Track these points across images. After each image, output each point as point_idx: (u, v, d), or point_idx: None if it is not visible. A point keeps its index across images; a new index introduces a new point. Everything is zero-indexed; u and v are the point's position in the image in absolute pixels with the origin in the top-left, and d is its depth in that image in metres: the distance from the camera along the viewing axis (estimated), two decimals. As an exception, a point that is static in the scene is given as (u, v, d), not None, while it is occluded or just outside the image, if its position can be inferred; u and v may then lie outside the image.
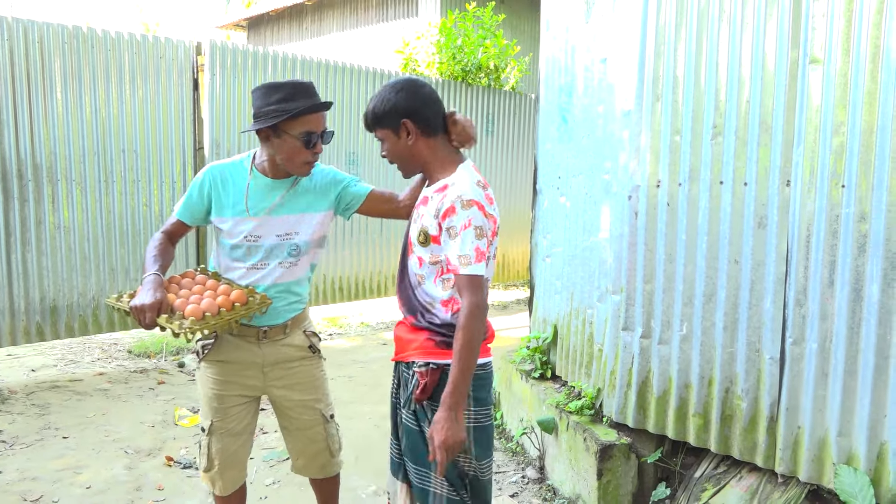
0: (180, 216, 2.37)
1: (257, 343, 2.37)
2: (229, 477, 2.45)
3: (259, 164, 2.33)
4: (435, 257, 2.01)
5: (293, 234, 2.32)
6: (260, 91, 2.21)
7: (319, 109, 2.22)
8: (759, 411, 2.70)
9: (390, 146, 2.08)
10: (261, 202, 2.30)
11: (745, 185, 2.70)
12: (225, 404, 2.39)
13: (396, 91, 2.03)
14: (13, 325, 4.91)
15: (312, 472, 2.59)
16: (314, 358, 2.51)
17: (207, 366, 2.39)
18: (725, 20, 2.73)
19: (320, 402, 2.52)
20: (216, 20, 15.76)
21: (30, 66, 4.82)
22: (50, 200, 5.00)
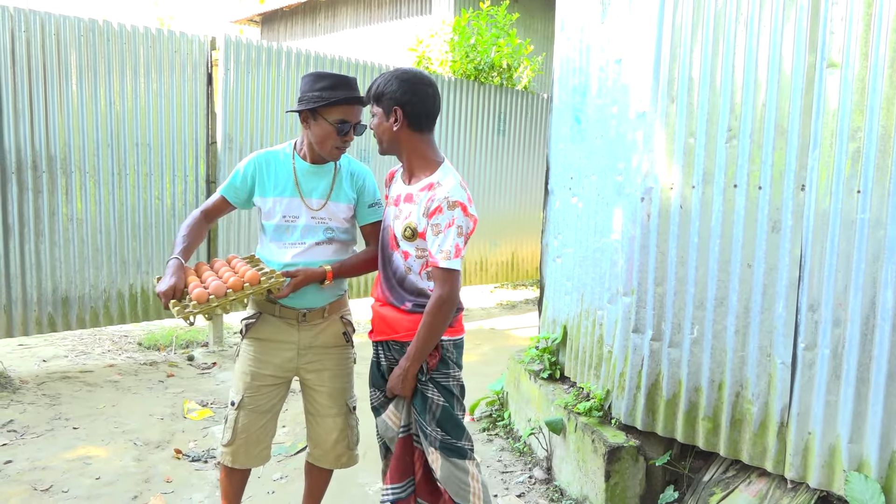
0: (224, 193, 2.53)
1: (296, 325, 2.51)
2: (249, 453, 2.57)
3: (300, 150, 2.53)
4: (421, 251, 2.26)
5: (328, 218, 2.51)
6: (309, 77, 2.42)
7: (355, 102, 2.41)
8: (769, 416, 2.69)
9: (377, 123, 2.30)
10: (303, 185, 2.49)
11: (759, 188, 2.69)
12: (257, 381, 2.52)
13: (402, 80, 2.23)
14: (25, 316, 4.95)
15: (329, 463, 2.67)
16: (347, 347, 2.65)
17: (248, 343, 2.54)
18: (742, 22, 2.71)
19: (346, 392, 2.65)
20: (230, 15, 15.80)
21: (46, 58, 4.85)
22: (63, 192, 5.03)
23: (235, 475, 2.64)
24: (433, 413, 2.32)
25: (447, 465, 2.31)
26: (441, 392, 2.32)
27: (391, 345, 2.40)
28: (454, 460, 2.31)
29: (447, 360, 2.33)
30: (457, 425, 2.34)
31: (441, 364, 2.32)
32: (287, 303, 2.47)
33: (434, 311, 2.18)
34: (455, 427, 2.33)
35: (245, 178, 2.49)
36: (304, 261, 2.46)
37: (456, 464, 2.31)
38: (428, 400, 2.33)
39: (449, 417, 2.33)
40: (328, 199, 2.51)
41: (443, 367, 2.32)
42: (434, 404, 2.31)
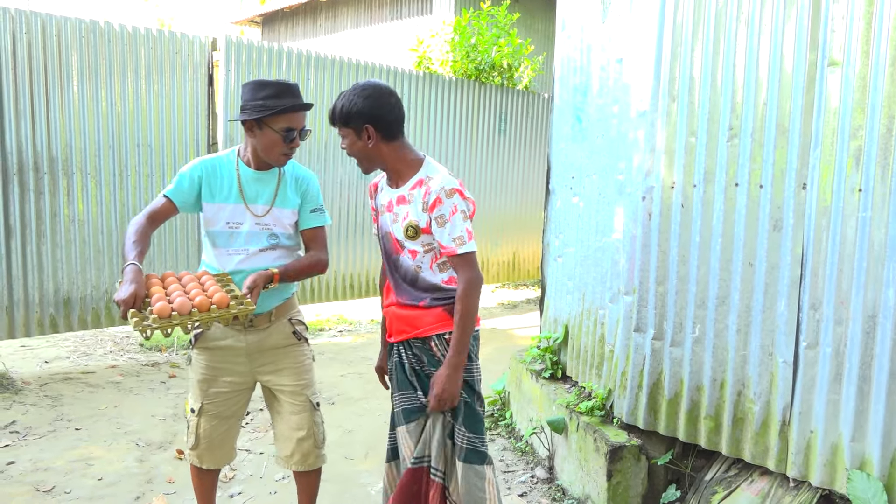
0: (170, 195, 2.45)
1: (243, 331, 2.51)
2: (214, 456, 2.61)
3: (244, 156, 2.51)
4: (428, 245, 2.26)
5: (272, 224, 2.49)
6: (250, 86, 2.40)
7: (301, 109, 2.41)
8: (771, 415, 2.69)
9: (349, 144, 2.27)
10: (248, 191, 2.48)
11: (760, 187, 2.68)
12: (213, 388, 2.54)
13: (364, 97, 2.21)
14: (27, 317, 4.95)
15: (297, 464, 2.64)
16: (300, 344, 2.63)
17: (198, 352, 2.54)
18: (743, 21, 2.71)
19: (307, 388, 2.62)
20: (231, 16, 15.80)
21: (47, 59, 4.86)
22: (65, 193, 5.04)
23: (206, 475, 2.68)
24: (456, 412, 2.31)
25: (469, 473, 2.28)
26: (463, 388, 2.29)
27: (412, 342, 2.36)
28: (476, 467, 2.29)
29: (469, 354, 2.31)
30: (479, 421, 2.33)
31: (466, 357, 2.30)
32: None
33: (465, 297, 2.21)
34: (478, 423, 2.32)
35: (192, 181, 2.45)
36: (249, 267, 2.43)
37: (476, 471, 2.29)
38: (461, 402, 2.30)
39: (472, 413, 2.31)
40: (273, 205, 2.50)
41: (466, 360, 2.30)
42: (461, 402, 2.30)
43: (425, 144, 7.47)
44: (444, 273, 2.30)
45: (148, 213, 2.42)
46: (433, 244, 2.26)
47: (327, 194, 6.71)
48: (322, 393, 4.76)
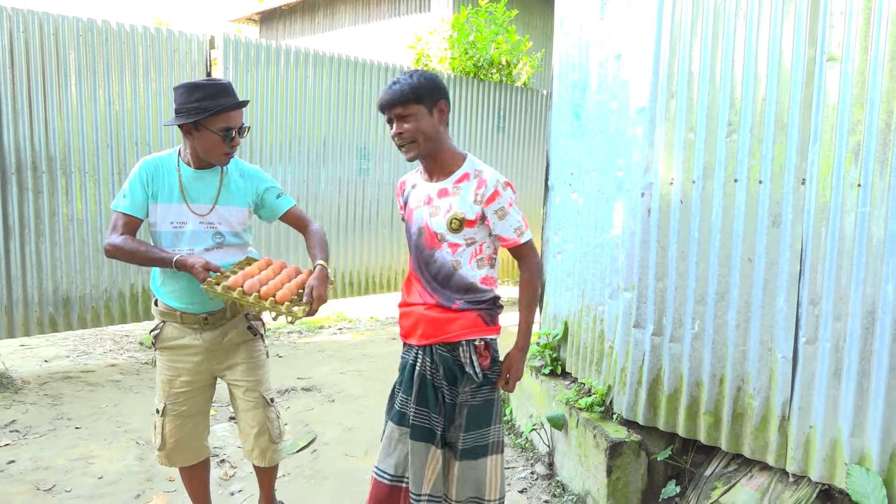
0: (131, 211, 2.43)
1: (199, 329, 2.54)
2: (182, 456, 2.64)
3: (184, 157, 2.51)
4: (470, 240, 2.23)
5: (216, 223, 2.51)
6: (182, 89, 2.40)
7: (237, 108, 2.41)
8: (770, 410, 2.69)
9: (417, 122, 2.16)
10: (189, 191, 2.48)
11: (759, 183, 2.68)
12: (175, 388, 2.57)
13: (433, 78, 2.20)
14: (27, 316, 4.95)
15: (257, 458, 2.70)
16: (256, 340, 2.67)
17: (160, 353, 2.60)
18: (742, 17, 2.71)
19: (260, 385, 2.65)
20: (228, 14, 15.78)
21: (45, 58, 4.85)
22: (64, 192, 5.03)
23: (194, 471, 2.72)
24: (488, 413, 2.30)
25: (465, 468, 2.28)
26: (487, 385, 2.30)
27: (436, 348, 2.26)
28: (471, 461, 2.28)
29: (496, 358, 2.34)
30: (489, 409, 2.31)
31: (492, 362, 2.31)
32: (188, 308, 2.49)
33: (533, 281, 2.32)
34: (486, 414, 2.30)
35: (143, 187, 2.44)
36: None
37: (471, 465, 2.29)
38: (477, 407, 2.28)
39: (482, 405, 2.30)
40: (216, 204, 2.50)
41: (493, 365, 2.31)
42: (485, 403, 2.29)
43: (424, 142, 7.46)
44: (481, 270, 2.26)
45: (123, 234, 2.41)
46: (475, 238, 2.23)
47: (327, 192, 6.70)
48: (322, 391, 4.77)
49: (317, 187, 6.62)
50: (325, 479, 3.46)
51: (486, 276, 2.28)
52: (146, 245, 2.41)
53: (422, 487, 2.27)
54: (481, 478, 2.31)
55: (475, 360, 2.23)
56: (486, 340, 2.26)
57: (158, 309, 2.56)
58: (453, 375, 2.26)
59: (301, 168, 6.47)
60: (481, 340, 2.24)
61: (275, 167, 6.25)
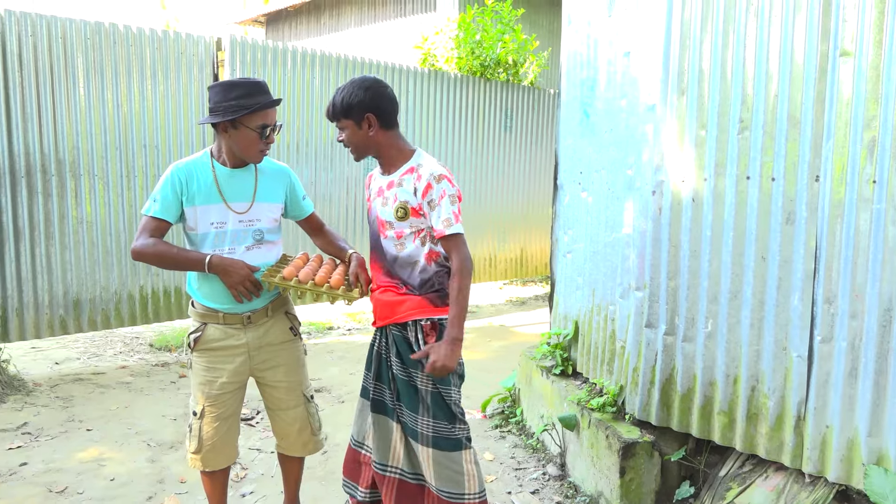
0: (162, 215, 2.43)
1: (243, 328, 2.54)
2: (218, 457, 2.63)
3: (218, 157, 2.52)
4: (414, 227, 2.38)
5: (255, 220, 2.54)
6: (218, 88, 2.42)
7: (273, 105, 2.46)
8: (786, 410, 2.66)
9: (350, 135, 2.40)
10: (226, 190, 2.49)
11: (772, 180, 2.66)
12: (215, 391, 2.55)
13: (364, 88, 2.35)
14: (37, 319, 4.97)
15: (296, 451, 2.77)
16: (296, 340, 2.71)
17: (198, 355, 2.56)
18: (753, 13, 2.68)
19: (302, 384, 2.71)
20: (234, 16, 15.81)
21: (53, 61, 4.87)
22: (73, 195, 5.05)
23: (216, 477, 2.70)
24: (425, 402, 2.41)
25: (438, 458, 2.40)
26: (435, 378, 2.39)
27: (390, 329, 2.47)
28: (446, 453, 2.40)
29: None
30: (448, 408, 2.41)
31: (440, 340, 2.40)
32: (230, 308, 2.50)
33: (460, 274, 2.33)
34: (447, 410, 2.41)
35: (175, 191, 2.44)
36: None
37: (446, 456, 2.40)
38: (418, 391, 2.41)
39: (440, 401, 2.41)
40: (254, 201, 2.54)
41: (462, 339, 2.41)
42: (425, 392, 2.41)
43: (430, 141, 7.45)
44: (424, 247, 2.40)
45: (150, 235, 2.41)
46: (421, 226, 2.38)
47: (334, 192, 6.70)
48: (332, 391, 4.76)
49: (324, 188, 6.62)
50: (336, 480, 3.45)
51: (429, 252, 2.40)
52: (176, 247, 2.42)
53: (388, 458, 2.50)
54: (459, 471, 2.41)
55: (421, 339, 2.39)
56: (432, 320, 2.40)
57: (196, 311, 2.54)
58: (404, 353, 2.43)
59: (309, 169, 6.47)
60: (427, 320, 2.40)
61: (283, 168, 6.24)
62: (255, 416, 4.21)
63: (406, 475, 2.50)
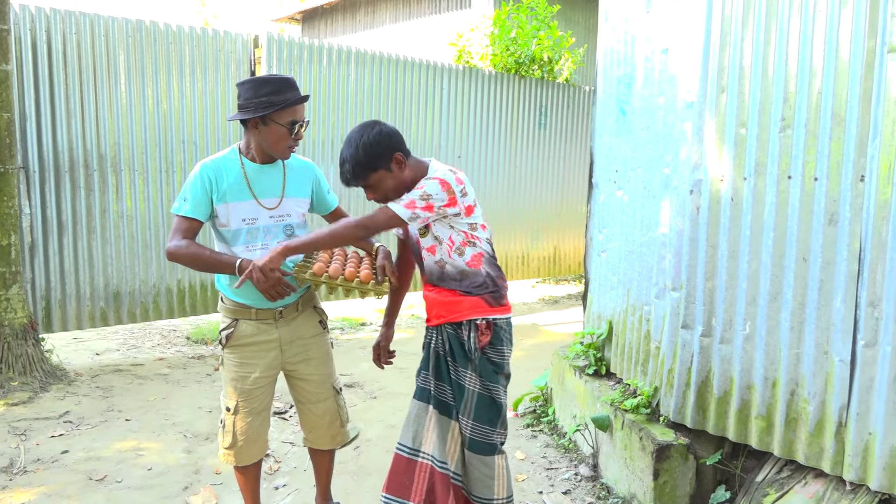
0: (193, 214, 2.44)
1: (274, 324, 2.57)
2: (251, 451, 2.65)
3: (247, 153, 2.53)
4: (438, 238, 2.35)
5: (285, 215, 2.56)
6: (249, 84, 2.41)
7: (302, 101, 2.46)
8: (826, 415, 2.60)
9: (387, 184, 2.33)
10: (256, 186, 2.50)
11: (815, 179, 2.59)
12: (248, 385, 2.57)
13: (374, 134, 2.29)
14: (79, 310, 5.10)
15: (325, 443, 2.79)
16: (325, 333, 2.74)
17: (231, 351, 2.58)
18: (797, 8, 2.62)
19: (332, 377, 2.74)
20: (271, 13, 15.99)
21: (96, 59, 4.98)
22: (114, 190, 5.16)
23: (249, 471, 2.73)
24: (469, 403, 2.40)
25: (474, 461, 2.40)
26: (484, 371, 2.39)
27: (445, 327, 2.44)
28: (481, 457, 2.40)
29: (501, 337, 2.43)
30: (493, 412, 2.40)
31: (495, 340, 2.42)
32: (262, 304, 2.52)
33: (345, 223, 2.30)
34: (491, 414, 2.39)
35: (205, 189, 2.44)
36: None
37: (481, 460, 2.40)
38: (465, 391, 2.40)
39: (483, 405, 2.39)
40: (283, 196, 2.55)
41: (497, 343, 2.43)
42: (470, 393, 2.40)
43: (464, 139, 7.44)
44: (463, 256, 2.37)
45: (186, 238, 2.42)
46: (441, 236, 2.35)
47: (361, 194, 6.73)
48: (364, 387, 4.79)
49: (358, 185, 6.65)
50: (368, 476, 3.47)
51: (471, 258, 2.38)
52: (208, 250, 2.44)
53: (446, 457, 2.44)
54: (490, 475, 2.40)
55: (473, 337, 2.38)
56: (487, 320, 2.39)
57: (227, 307, 2.56)
58: (456, 352, 2.41)
59: (343, 165, 6.51)
60: (483, 320, 2.39)
61: (317, 164, 6.29)
62: (288, 410, 4.26)
63: (457, 478, 2.45)
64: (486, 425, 2.39)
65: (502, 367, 2.44)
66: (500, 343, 2.43)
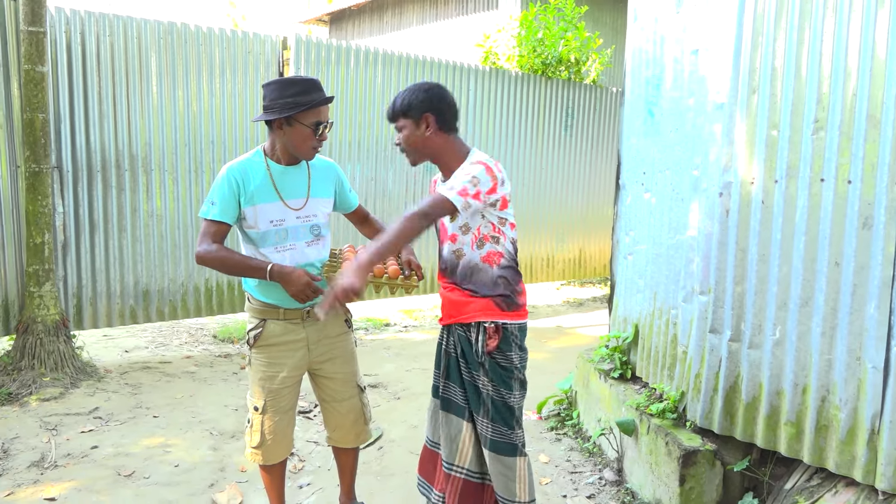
0: (221, 217, 2.45)
1: (301, 324, 2.59)
2: (278, 450, 2.68)
3: (272, 154, 2.54)
4: (464, 227, 2.35)
5: (311, 216, 2.58)
6: (275, 85, 2.44)
7: (328, 102, 2.48)
8: (858, 423, 2.54)
9: (407, 134, 2.39)
10: (282, 187, 2.52)
11: (848, 182, 2.54)
12: (276, 385, 2.60)
13: (425, 90, 2.37)
14: (109, 308, 5.18)
15: (349, 442, 2.81)
16: (349, 332, 2.77)
17: (259, 351, 2.60)
18: (831, 8, 2.57)
19: (356, 375, 2.77)
20: (299, 15, 16.12)
21: (129, 61, 5.06)
22: (144, 189, 5.24)
23: (274, 470, 2.75)
24: (486, 405, 2.40)
25: (495, 462, 2.41)
26: (495, 376, 2.38)
27: (454, 328, 2.46)
28: (502, 457, 2.40)
29: (510, 342, 2.40)
30: (506, 413, 2.39)
31: (503, 345, 2.38)
32: (290, 304, 2.54)
33: (408, 218, 2.17)
34: (505, 415, 2.39)
35: (233, 192, 2.45)
36: (302, 262, 2.54)
37: (502, 461, 2.40)
38: (480, 393, 2.41)
39: (499, 405, 2.39)
40: (308, 197, 2.57)
41: (505, 349, 2.39)
42: (486, 395, 2.40)
43: (490, 140, 7.43)
44: (481, 249, 2.36)
45: (216, 242, 2.44)
46: (469, 225, 2.35)
47: (395, 190, 6.76)
48: (388, 388, 4.80)
49: (384, 185, 6.69)
50: (391, 476, 3.48)
51: (488, 254, 2.36)
52: (238, 254, 2.45)
53: (454, 458, 2.48)
54: (511, 477, 2.40)
55: (481, 340, 2.36)
56: (496, 323, 2.36)
57: (255, 307, 2.58)
58: (467, 354, 2.42)
59: (369, 166, 6.54)
60: (492, 323, 2.36)
61: (344, 165, 6.33)
62: (313, 410, 4.28)
63: (472, 475, 2.49)
64: (502, 426, 2.39)
65: (512, 372, 2.41)
66: (508, 349, 2.40)
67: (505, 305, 2.38)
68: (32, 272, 4.54)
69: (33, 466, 3.40)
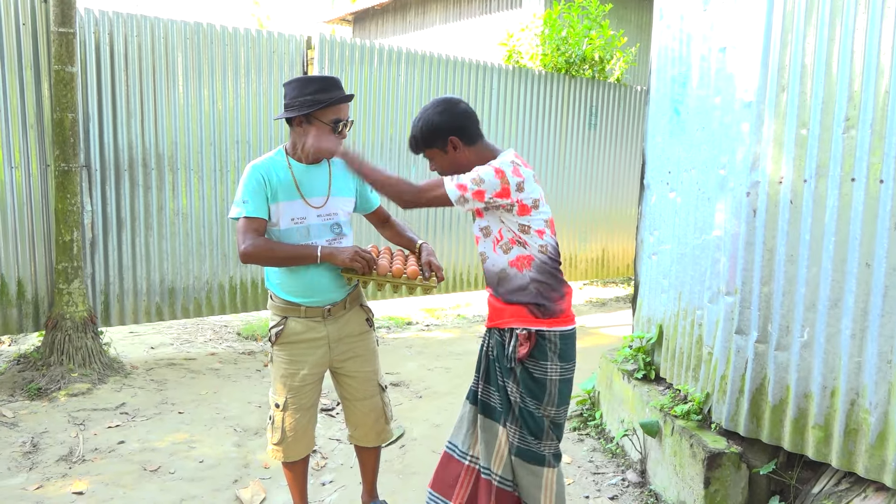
0: (256, 213, 2.47)
1: (322, 321, 2.60)
2: (299, 447, 2.69)
3: (293, 153, 2.56)
4: (485, 229, 2.33)
5: (332, 214, 2.59)
6: (295, 83, 2.48)
7: (347, 100, 2.50)
8: (889, 427, 2.49)
9: (440, 162, 2.39)
10: (304, 186, 2.53)
11: (880, 182, 2.49)
12: (297, 382, 2.61)
13: (438, 113, 2.33)
14: (136, 305, 5.25)
15: (370, 440, 2.81)
16: (371, 331, 2.77)
17: (280, 348, 2.61)
18: (863, 5, 2.52)
19: (378, 374, 2.76)
20: (323, 14, 16.21)
21: (156, 60, 5.12)
22: (170, 188, 5.30)
23: (297, 467, 2.77)
24: (514, 412, 2.37)
25: (521, 470, 2.37)
26: (524, 385, 2.33)
27: (493, 331, 2.45)
28: (529, 466, 2.36)
29: (545, 350, 2.31)
30: (534, 424, 2.33)
31: (537, 353, 2.32)
32: (312, 302, 2.55)
33: (404, 180, 2.32)
34: (533, 425, 2.33)
35: (262, 188, 2.47)
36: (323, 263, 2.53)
37: (529, 469, 2.36)
38: (511, 399, 2.37)
39: (527, 416, 2.34)
40: (329, 195, 2.57)
41: (539, 357, 2.32)
42: (514, 402, 2.36)
43: (514, 138, 7.40)
44: (508, 254, 2.31)
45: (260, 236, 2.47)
46: (490, 227, 2.33)
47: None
48: (410, 386, 4.81)
49: (407, 184, 6.68)
50: (413, 475, 3.48)
51: (517, 258, 2.31)
52: (282, 244, 2.48)
53: (491, 463, 2.41)
54: (537, 485, 2.36)
55: (513, 346, 2.33)
56: (529, 330, 2.31)
57: (277, 305, 2.60)
58: (500, 358, 2.40)
59: (392, 165, 6.56)
60: (524, 329, 2.31)
61: (367, 164, 6.34)
62: (336, 408, 4.30)
63: (504, 483, 2.41)
64: (530, 436, 2.34)
65: (545, 384, 2.32)
66: (543, 357, 2.31)
67: (539, 312, 2.31)
68: (61, 269, 4.62)
69: (62, 460, 3.46)
